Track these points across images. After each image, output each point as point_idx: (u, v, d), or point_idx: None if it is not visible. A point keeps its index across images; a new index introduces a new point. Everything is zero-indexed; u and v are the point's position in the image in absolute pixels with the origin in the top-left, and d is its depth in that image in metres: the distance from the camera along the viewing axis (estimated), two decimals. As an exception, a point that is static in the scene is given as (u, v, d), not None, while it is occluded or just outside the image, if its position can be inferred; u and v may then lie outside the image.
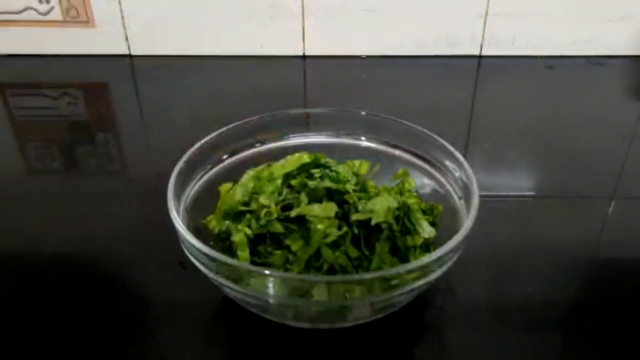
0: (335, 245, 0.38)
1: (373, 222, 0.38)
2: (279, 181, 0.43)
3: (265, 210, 0.40)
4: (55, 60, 0.81)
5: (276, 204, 0.41)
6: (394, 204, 0.39)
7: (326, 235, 0.38)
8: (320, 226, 0.38)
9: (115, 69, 0.80)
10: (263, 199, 0.41)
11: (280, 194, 0.42)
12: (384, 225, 0.39)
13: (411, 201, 0.41)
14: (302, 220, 0.39)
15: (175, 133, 0.65)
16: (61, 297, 0.43)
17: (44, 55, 0.81)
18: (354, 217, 0.39)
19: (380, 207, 0.39)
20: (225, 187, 0.44)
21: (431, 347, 0.40)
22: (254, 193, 0.43)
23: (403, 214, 0.40)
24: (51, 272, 0.46)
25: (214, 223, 0.42)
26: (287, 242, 0.39)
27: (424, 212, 0.43)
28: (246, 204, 0.42)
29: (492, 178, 0.57)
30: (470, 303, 0.43)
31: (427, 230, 0.41)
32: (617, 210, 0.52)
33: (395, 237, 0.39)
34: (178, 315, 0.41)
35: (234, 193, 0.43)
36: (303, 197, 0.41)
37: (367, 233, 0.39)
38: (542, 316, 0.41)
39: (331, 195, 0.41)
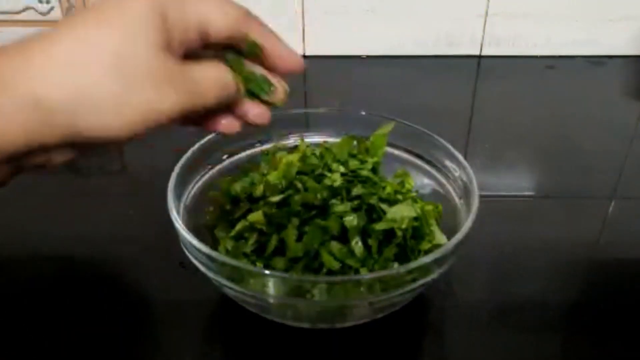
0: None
1: (397, 233, 0.39)
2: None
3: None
4: (55, 60, 0.81)
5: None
6: (413, 213, 0.40)
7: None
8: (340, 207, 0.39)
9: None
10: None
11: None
12: (399, 233, 0.39)
13: (428, 208, 0.42)
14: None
15: (175, 133, 0.65)
16: (61, 297, 0.43)
17: (44, 55, 0.81)
18: (378, 226, 0.39)
19: (401, 217, 0.39)
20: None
21: (431, 347, 0.40)
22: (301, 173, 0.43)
23: (420, 223, 0.40)
24: (51, 272, 0.46)
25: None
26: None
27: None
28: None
29: (492, 178, 0.57)
30: (470, 303, 0.43)
31: (438, 237, 0.41)
32: (617, 210, 0.52)
33: (406, 246, 0.39)
34: (178, 315, 0.41)
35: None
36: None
37: (381, 238, 0.39)
38: (542, 316, 0.41)
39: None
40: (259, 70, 0.33)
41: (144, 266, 0.46)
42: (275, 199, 0.41)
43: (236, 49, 0.32)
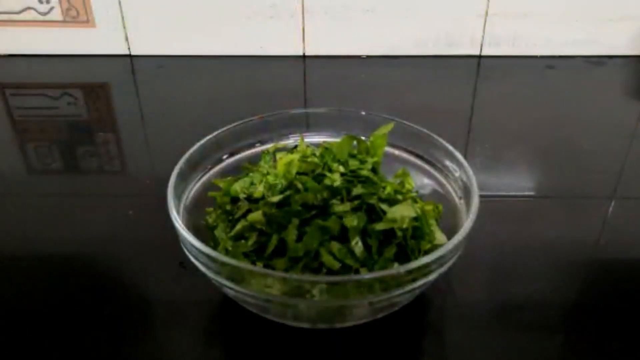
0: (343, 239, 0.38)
1: (398, 233, 0.39)
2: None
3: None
4: (55, 60, 0.81)
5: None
6: (413, 213, 0.40)
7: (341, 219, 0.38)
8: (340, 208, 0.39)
9: (115, 69, 0.80)
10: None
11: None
12: (399, 233, 0.39)
13: (428, 208, 0.42)
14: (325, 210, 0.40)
15: (175, 133, 0.65)
16: (60, 297, 0.43)
17: (44, 55, 0.81)
18: (378, 226, 0.39)
19: (401, 217, 0.39)
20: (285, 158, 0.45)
21: (431, 347, 0.40)
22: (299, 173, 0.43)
23: (420, 223, 0.40)
24: (51, 272, 0.46)
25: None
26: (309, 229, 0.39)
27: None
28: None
29: (492, 178, 0.57)
30: (470, 303, 0.43)
31: (438, 237, 0.41)
32: (617, 210, 0.52)
33: (406, 245, 0.39)
34: (178, 315, 0.41)
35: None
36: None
37: (381, 239, 0.39)
38: (542, 316, 0.41)
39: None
40: None
41: (144, 266, 0.46)
42: (275, 199, 0.41)
43: None
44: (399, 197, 0.42)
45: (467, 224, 0.38)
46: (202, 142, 0.45)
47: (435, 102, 0.72)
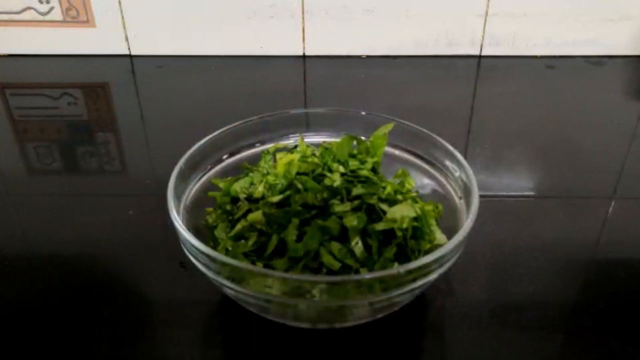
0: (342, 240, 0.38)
1: (398, 233, 0.38)
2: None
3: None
4: (55, 60, 0.81)
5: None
6: (413, 213, 0.40)
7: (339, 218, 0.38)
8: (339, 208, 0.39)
9: (115, 69, 0.80)
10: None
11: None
12: (399, 233, 0.39)
13: (428, 208, 0.42)
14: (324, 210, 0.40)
15: (175, 133, 0.65)
16: (60, 297, 0.43)
17: (44, 55, 0.81)
18: (378, 226, 0.39)
19: (401, 217, 0.39)
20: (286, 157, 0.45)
21: (431, 347, 0.40)
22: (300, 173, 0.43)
23: (420, 223, 0.40)
24: (50, 272, 0.46)
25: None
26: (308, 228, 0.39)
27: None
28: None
29: (492, 178, 0.57)
30: (470, 303, 0.43)
31: (438, 237, 0.41)
32: (617, 210, 0.52)
33: (406, 246, 0.39)
34: (178, 315, 0.41)
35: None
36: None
37: (381, 239, 0.39)
38: (542, 316, 0.41)
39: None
40: None
41: (144, 266, 0.46)
42: (275, 199, 0.41)
43: None
44: (399, 197, 0.42)
45: (467, 224, 0.38)
46: (202, 142, 0.45)
47: (435, 102, 0.72)
